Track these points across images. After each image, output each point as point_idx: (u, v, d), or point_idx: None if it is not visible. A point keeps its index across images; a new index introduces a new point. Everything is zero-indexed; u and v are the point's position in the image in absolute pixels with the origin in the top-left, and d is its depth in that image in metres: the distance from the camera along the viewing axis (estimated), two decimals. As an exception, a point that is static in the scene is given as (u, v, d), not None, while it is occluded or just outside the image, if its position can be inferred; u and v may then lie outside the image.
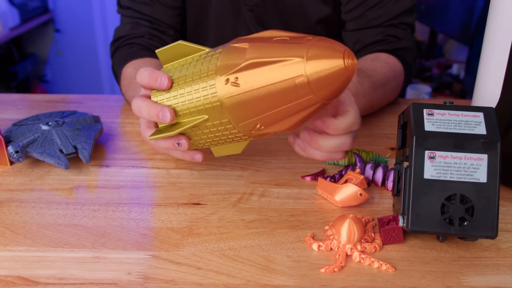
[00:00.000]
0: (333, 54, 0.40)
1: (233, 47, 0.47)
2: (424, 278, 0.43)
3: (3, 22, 2.17)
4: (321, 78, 0.41)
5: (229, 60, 0.46)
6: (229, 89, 0.45)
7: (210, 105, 0.48)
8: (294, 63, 0.41)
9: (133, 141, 0.72)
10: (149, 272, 0.44)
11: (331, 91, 0.42)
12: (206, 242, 0.48)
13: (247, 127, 0.48)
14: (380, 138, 0.72)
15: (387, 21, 0.80)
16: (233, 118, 0.47)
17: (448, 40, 2.78)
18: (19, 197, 0.56)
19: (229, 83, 0.45)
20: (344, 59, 0.40)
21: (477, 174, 0.43)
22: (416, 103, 0.47)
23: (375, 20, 0.80)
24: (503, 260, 0.46)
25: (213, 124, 0.50)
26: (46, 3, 2.68)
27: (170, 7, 0.86)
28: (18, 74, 2.44)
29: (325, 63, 0.40)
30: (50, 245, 0.48)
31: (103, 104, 0.87)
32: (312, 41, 0.42)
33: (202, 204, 0.55)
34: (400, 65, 0.79)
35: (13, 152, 0.61)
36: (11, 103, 0.87)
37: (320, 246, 0.47)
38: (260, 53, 0.43)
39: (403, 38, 0.81)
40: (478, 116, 0.46)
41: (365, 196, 0.53)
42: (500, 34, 0.54)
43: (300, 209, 0.54)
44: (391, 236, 0.48)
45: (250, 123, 0.47)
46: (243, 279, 0.43)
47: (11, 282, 0.43)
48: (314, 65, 0.40)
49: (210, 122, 0.50)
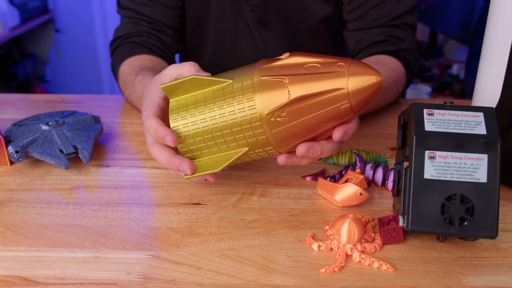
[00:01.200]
0: (368, 79, 0.45)
1: (269, 81, 0.47)
2: (424, 278, 0.43)
3: (3, 22, 2.17)
4: (361, 100, 0.45)
5: (270, 95, 0.47)
6: (275, 124, 0.47)
7: (254, 139, 0.49)
8: (339, 94, 0.45)
9: (133, 141, 0.72)
10: (149, 272, 0.44)
11: (366, 106, 0.47)
12: (206, 242, 0.48)
13: (288, 149, 0.50)
14: (380, 138, 0.72)
15: (389, 21, 0.80)
16: (277, 145, 0.49)
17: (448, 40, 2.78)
18: (19, 197, 0.56)
19: (275, 118, 0.47)
20: (377, 77, 0.45)
21: (477, 174, 0.43)
22: (416, 103, 0.47)
23: (377, 20, 0.80)
24: (503, 260, 0.46)
25: (254, 152, 0.50)
26: (46, 3, 2.68)
27: (169, 7, 0.86)
28: (18, 74, 2.44)
29: (364, 89, 0.45)
30: (50, 245, 0.48)
31: (103, 104, 0.87)
32: (347, 68, 0.45)
33: (202, 204, 0.55)
34: (403, 69, 0.79)
35: (13, 152, 0.61)
36: (11, 103, 0.87)
37: (320, 246, 0.47)
38: (302, 87, 0.46)
39: (405, 39, 0.81)
40: (478, 116, 0.46)
41: (365, 196, 0.53)
42: (500, 34, 0.54)
43: (300, 209, 0.54)
44: (391, 236, 0.48)
45: (292, 146, 0.50)
46: (243, 279, 0.43)
47: (11, 282, 0.43)
48: (356, 94, 0.45)
49: (252, 151, 0.50)
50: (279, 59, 0.48)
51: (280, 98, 0.46)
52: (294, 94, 0.46)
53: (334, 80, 0.45)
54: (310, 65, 0.47)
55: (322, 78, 0.46)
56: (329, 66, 0.46)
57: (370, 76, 0.45)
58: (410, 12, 0.81)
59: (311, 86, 0.46)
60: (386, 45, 0.80)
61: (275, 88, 0.47)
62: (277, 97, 0.46)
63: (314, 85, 0.46)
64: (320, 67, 0.46)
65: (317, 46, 0.92)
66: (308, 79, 0.46)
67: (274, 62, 0.48)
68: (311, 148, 0.49)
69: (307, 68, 0.47)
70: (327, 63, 0.46)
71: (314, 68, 0.46)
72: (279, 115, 0.47)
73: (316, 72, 0.46)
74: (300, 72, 0.46)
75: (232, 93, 0.49)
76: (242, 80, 0.49)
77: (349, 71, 0.45)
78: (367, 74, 0.45)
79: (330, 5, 0.85)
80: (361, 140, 0.71)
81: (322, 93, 0.45)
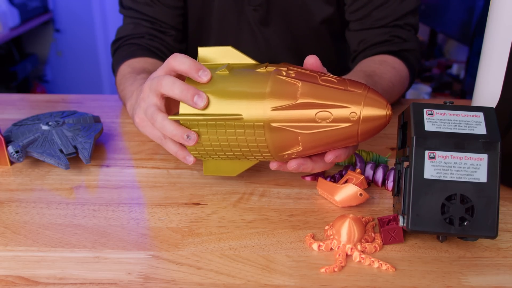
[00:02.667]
0: (379, 110, 0.46)
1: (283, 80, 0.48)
2: (424, 278, 0.43)
3: (3, 22, 2.17)
4: (369, 130, 0.47)
5: (280, 91, 0.48)
6: (274, 115, 0.47)
7: (257, 151, 0.50)
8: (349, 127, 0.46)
9: (133, 141, 0.72)
10: (149, 272, 0.44)
11: (370, 137, 0.48)
12: (206, 242, 0.48)
13: (284, 159, 0.51)
14: (380, 138, 0.72)
15: (392, 22, 0.80)
16: (275, 153, 0.50)
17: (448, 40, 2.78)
18: (19, 197, 0.56)
19: (274, 112, 0.47)
20: (387, 111, 0.46)
21: (477, 174, 0.43)
22: (416, 103, 0.47)
23: (380, 21, 0.80)
24: (503, 260, 0.46)
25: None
26: (46, 3, 2.67)
27: (171, 7, 0.86)
28: (18, 74, 2.44)
29: (374, 121, 0.46)
30: (50, 245, 0.48)
31: (103, 104, 0.87)
32: (365, 95, 0.46)
33: (202, 204, 0.55)
34: (406, 70, 0.79)
35: (13, 152, 0.61)
36: (11, 103, 0.87)
37: (320, 246, 0.47)
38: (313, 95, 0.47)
39: (408, 39, 0.81)
40: (478, 116, 0.46)
41: (365, 196, 0.53)
42: (500, 34, 0.54)
43: (300, 209, 0.54)
44: (391, 236, 0.48)
45: (288, 157, 0.51)
46: (243, 279, 0.43)
47: (11, 282, 0.43)
48: (365, 125, 0.46)
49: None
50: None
51: (287, 99, 0.47)
52: (301, 98, 0.47)
53: (347, 100, 0.46)
54: (327, 78, 0.48)
55: (337, 95, 0.46)
56: (344, 84, 0.47)
57: (382, 109, 0.46)
58: (412, 12, 0.81)
59: (320, 96, 0.47)
60: (389, 45, 0.80)
61: (286, 87, 0.48)
62: (285, 96, 0.47)
63: (326, 98, 0.46)
64: (336, 83, 0.47)
65: (318, 46, 0.92)
66: (319, 89, 0.47)
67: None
68: (302, 164, 0.51)
69: (324, 81, 0.48)
70: (343, 81, 0.47)
71: (330, 82, 0.48)
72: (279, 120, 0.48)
73: (331, 87, 0.47)
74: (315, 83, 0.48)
75: (243, 128, 0.49)
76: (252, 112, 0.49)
77: (367, 97, 0.46)
78: (380, 105, 0.46)
79: (331, 5, 0.86)
80: (361, 140, 0.71)
81: (333, 107, 0.46)
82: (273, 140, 0.49)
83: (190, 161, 0.54)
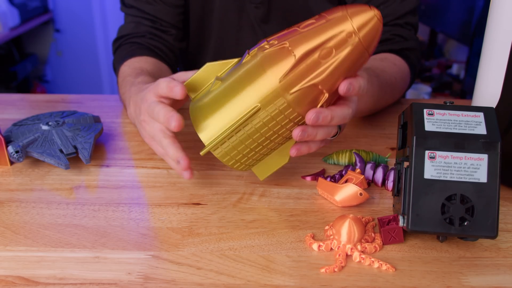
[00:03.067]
0: (366, 14, 0.46)
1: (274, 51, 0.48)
2: (424, 278, 0.43)
3: (3, 22, 2.17)
4: (368, 33, 0.46)
5: (276, 60, 0.47)
6: (285, 84, 0.47)
7: (272, 106, 0.48)
8: (346, 34, 0.46)
9: (133, 141, 0.72)
10: (149, 272, 0.44)
11: (373, 40, 0.47)
12: (206, 242, 0.48)
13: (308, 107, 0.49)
14: (380, 138, 0.72)
15: (393, 21, 0.81)
16: (300, 108, 0.49)
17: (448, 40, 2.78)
18: (19, 197, 0.56)
19: (284, 81, 0.47)
20: (373, 11, 0.46)
21: (477, 174, 0.43)
22: (416, 103, 0.47)
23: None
24: (503, 260, 0.46)
25: (271, 116, 0.49)
26: (46, 3, 2.67)
27: (172, 5, 0.86)
28: (18, 74, 2.44)
29: (368, 25, 0.46)
30: (50, 245, 0.48)
31: (103, 104, 0.87)
32: (346, 11, 0.46)
33: (202, 204, 0.55)
34: (407, 67, 0.80)
35: (13, 152, 0.61)
36: (11, 103, 0.87)
37: (320, 246, 0.47)
38: (307, 44, 0.46)
39: (408, 38, 0.81)
40: (478, 116, 0.46)
41: (365, 196, 0.53)
42: (500, 34, 0.53)
43: (300, 209, 0.54)
44: (391, 236, 0.48)
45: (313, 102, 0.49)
46: (243, 279, 0.43)
47: (11, 282, 0.43)
48: (361, 27, 0.46)
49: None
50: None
51: (284, 62, 0.47)
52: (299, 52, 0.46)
53: (338, 25, 0.46)
54: (306, 24, 0.48)
55: (325, 28, 0.46)
56: (323, 17, 0.47)
57: (367, 11, 0.46)
58: (412, 12, 0.82)
59: (314, 40, 0.46)
60: (391, 44, 0.80)
61: (280, 54, 0.47)
62: (281, 61, 0.47)
63: (318, 37, 0.46)
64: (315, 22, 0.47)
65: None
66: (311, 35, 0.47)
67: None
68: (320, 113, 0.48)
69: (307, 25, 0.47)
70: (322, 15, 0.48)
71: (310, 25, 0.47)
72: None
73: (315, 26, 0.47)
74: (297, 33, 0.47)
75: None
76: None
77: (349, 13, 0.46)
78: (364, 10, 0.46)
79: (332, 3, 0.86)
80: (361, 140, 0.71)
81: (329, 40, 0.46)
82: (300, 104, 0.48)
83: (186, 176, 0.55)
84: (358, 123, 0.77)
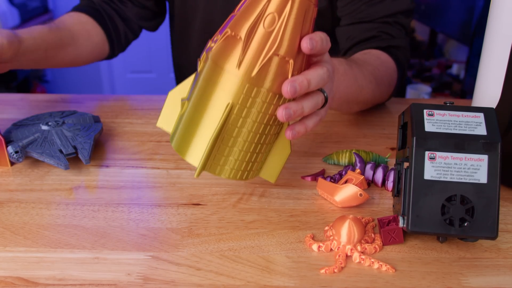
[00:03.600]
0: None
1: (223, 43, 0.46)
2: (424, 279, 0.43)
3: (3, 22, 2.17)
4: None
5: (224, 52, 0.45)
6: (244, 68, 0.45)
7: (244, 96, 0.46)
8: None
9: (133, 141, 0.71)
10: (148, 272, 0.44)
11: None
12: (206, 242, 0.48)
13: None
14: (380, 138, 0.72)
15: (382, 18, 0.80)
16: (273, 85, 0.46)
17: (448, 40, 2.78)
18: (18, 198, 0.56)
19: (241, 67, 0.45)
20: None
21: (477, 175, 0.43)
22: (416, 104, 0.47)
23: (370, 15, 0.80)
24: (504, 261, 0.46)
25: (250, 109, 0.46)
26: (46, 3, 2.68)
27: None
28: (18, 74, 2.44)
29: None
30: (50, 246, 0.48)
31: (103, 104, 0.87)
32: None
33: (202, 205, 0.55)
34: (393, 63, 0.78)
35: (13, 152, 0.61)
36: (11, 103, 0.87)
37: (320, 246, 0.47)
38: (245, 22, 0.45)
39: (396, 36, 0.80)
40: (478, 117, 0.46)
41: (365, 196, 0.53)
42: (500, 34, 0.53)
43: (300, 210, 0.54)
44: (391, 236, 0.48)
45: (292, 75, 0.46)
46: (243, 280, 0.43)
47: (11, 283, 0.43)
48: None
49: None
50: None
51: (234, 50, 0.45)
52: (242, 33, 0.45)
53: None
54: (239, 5, 0.46)
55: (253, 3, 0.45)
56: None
57: None
58: (404, 13, 0.81)
59: (251, 14, 0.44)
60: (377, 41, 0.79)
61: (229, 46, 0.45)
62: (231, 50, 0.45)
63: (255, 9, 0.44)
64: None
65: None
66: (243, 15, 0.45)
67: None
68: (294, 81, 0.45)
69: (238, 9, 0.46)
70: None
71: (243, 3, 0.46)
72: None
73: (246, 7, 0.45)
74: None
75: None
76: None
77: None
78: None
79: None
80: (361, 140, 0.71)
81: (267, 6, 0.44)
82: (269, 82, 0.45)
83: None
84: (358, 123, 0.77)
